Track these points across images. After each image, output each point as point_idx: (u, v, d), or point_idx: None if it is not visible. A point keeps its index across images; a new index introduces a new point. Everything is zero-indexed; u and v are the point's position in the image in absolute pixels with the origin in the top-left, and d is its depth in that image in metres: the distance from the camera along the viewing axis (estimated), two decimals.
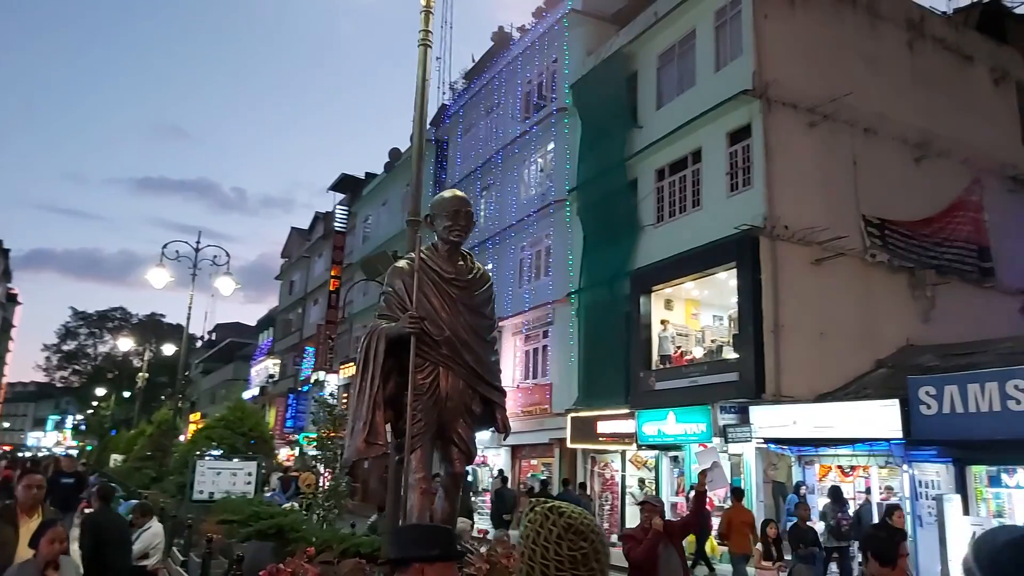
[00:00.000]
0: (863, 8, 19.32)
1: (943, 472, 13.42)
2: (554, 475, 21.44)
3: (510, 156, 25.44)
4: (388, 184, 36.59)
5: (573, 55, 23.29)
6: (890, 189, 18.25)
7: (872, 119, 18.28)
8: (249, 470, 12.27)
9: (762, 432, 14.76)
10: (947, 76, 20.42)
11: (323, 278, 43.34)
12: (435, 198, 5.60)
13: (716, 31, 18.36)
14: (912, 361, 16.57)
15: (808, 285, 16.45)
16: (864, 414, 13.03)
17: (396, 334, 5.16)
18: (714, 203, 17.61)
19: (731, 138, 17.57)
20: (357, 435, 5.17)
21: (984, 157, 20.24)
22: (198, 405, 63.32)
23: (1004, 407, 10.86)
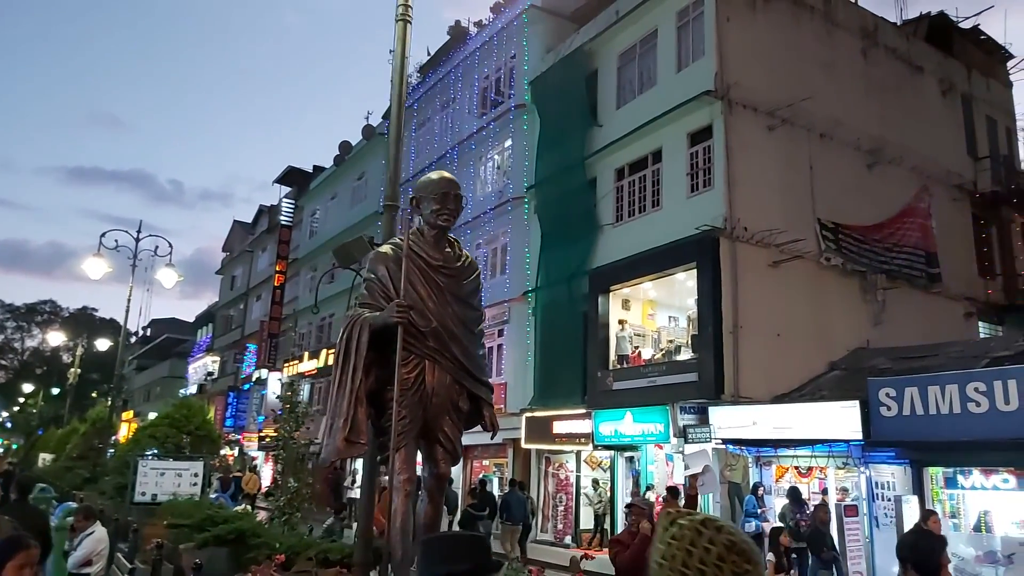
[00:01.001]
0: (820, 15, 19.58)
1: (899, 473, 13.60)
2: (507, 476, 21.13)
3: (466, 152, 25.07)
4: (338, 177, 35.79)
5: (532, 52, 23.05)
6: (844, 194, 18.52)
7: (828, 124, 18.53)
8: (195, 471, 11.64)
9: (721, 433, 14.73)
10: (898, 85, 20.88)
11: (267, 273, 42.20)
12: (421, 179, 5.21)
13: (678, 32, 18.34)
14: (864, 363, 16.81)
15: (765, 287, 16.54)
16: (824, 415, 13.10)
17: (381, 324, 4.77)
18: (674, 203, 17.57)
19: (692, 139, 17.56)
20: (337, 433, 4.77)
21: (932, 165, 20.76)
22: (131, 403, 60.99)
23: (964, 409, 11.00)
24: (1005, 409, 10.52)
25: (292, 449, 8.18)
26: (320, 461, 4.98)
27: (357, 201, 33.53)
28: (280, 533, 6.50)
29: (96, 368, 56.86)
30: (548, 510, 20.04)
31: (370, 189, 32.47)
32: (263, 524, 6.86)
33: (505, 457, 21.97)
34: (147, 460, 11.41)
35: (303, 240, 39.11)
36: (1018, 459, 11.03)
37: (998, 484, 11.71)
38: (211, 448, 12.85)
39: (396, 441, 4.80)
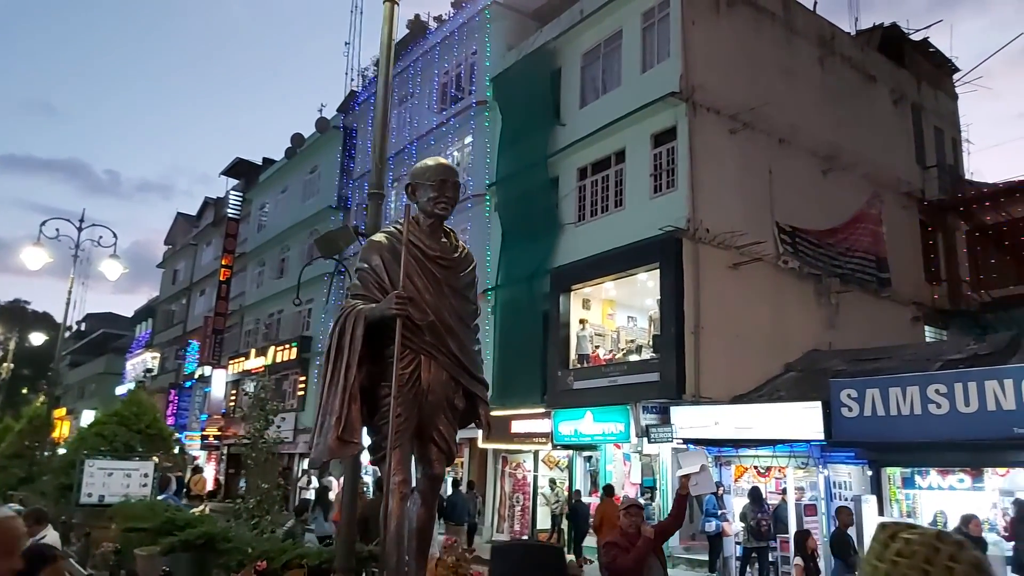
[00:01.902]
0: (780, 22, 19.87)
1: (855, 473, 13.85)
2: (463, 476, 20.91)
3: (425, 148, 24.70)
4: (289, 170, 34.97)
5: (494, 48, 22.85)
6: (801, 198, 18.81)
7: (786, 130, 18.81)
8: (145, 471, 11.09)
9: (683, 432, 14.78)
10: (853, 93, 21.33)
11: (212, 267, 41.03)
12: (417, 166, 4.94)
13: (643, 32, 18.37)
14: (820, 365, 17.09)
15: (726, 288, 16.68)
16: (787, 416, 13.23)
17: (378, 317, 4.49)
18: (637, 204, 17.59)
19: (655, 140, 17.61)
20: (328, 432, 4.48)
21: (883, 173, 21.28)
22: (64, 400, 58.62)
23: (925, 410, 11.22)
24: (965, 411, 10.76)
25: (262, 449, 7.81)
26: (310, 462, 4.68)
27: (310, 195, 32.82)
28: (251, 537, 6.15)
29: (28, 364, 54.47)
30: (505, 510, 19.87)
31: (323, 183, 31.84)
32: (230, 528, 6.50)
33: (460, 457, 21.71)
34: (94, 460, 10.82)
35: (251, 234, 38.12)
36: (975, 460, 11.30)
37: (954, 484, 11.99)
38: (163, 447, 12.30)
39: (391, 441, 4.55)
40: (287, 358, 30.78)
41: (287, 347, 31.02)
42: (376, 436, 4.66)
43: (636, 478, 17.75)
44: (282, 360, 30.92)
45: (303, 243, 32.66)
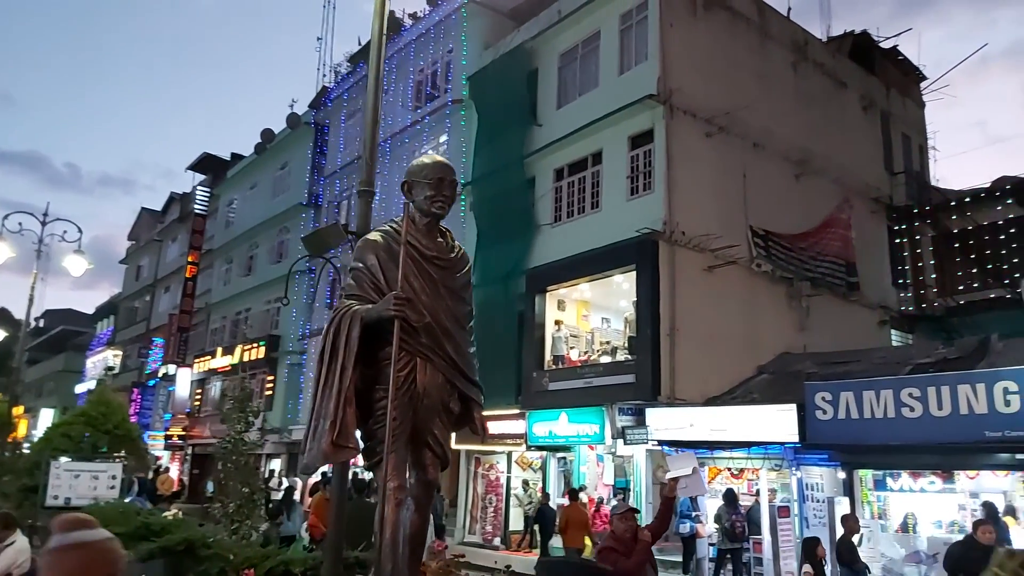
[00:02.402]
0: (755, 27, 20.06)
1: (826, 475, 14.02)
2: None
3: (399, 146, 24.52)
4: (258, 166, 34.46)
5: (471, 47, 22.74)
6: (774, 202, 19.01)
7: (760, 134, 18.99)
8: (113, 472, 10.81)
9: (658, 434, 14.83)
10: (824, 99, 21.62)
11: (177, 264, 40.29)
12: (414, 164, 4.83)
13: (621, 34, 18.41)
14: (791, 367, 17.27)
15: (700, 291, 16.78)
16: (761, 418, 13.34)
17: (375, 318, 4.38)
18: (614, 206, 17.61)
19: (632, 142, 17.64)
20: (323, 436, 4.36)
21: (853, 178, 21.61)
22: (22, 399, 57.08)
23: (898, 414, 11.38)
24: (937, 414, 10.94)
25: (242, 451, 7.62)
26: (302, 468, 4.55)
27: (280, 192, 32.36)
28: (232, 543, 5.98)
29: None
30: (477, 512, 19.77)
31: (294, 180, 31.43)
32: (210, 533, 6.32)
33: None
34: (60, 462, 10.51)
35: (218, 230, 37.50)
36: (946, 462, 11.49)
37: (925, 486, 12.19)
38: (131, 449, 11.98)
39: (387, 446, 4.45)
40: (255, 357, 30.31)
41: (255, 346, 30.55)
42: (371, 441, 4.54)
43: (609, 479, 17.78)
44: (250, 359, 30.43)
45: (272, 240, 32.21)
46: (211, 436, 32.70)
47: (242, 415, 7.79)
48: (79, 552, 1.94)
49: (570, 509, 13.69)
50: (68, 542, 1.95)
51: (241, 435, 7.67)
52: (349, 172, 27.09)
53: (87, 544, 1.97)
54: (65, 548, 1.94)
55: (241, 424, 7.70)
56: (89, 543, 1.97)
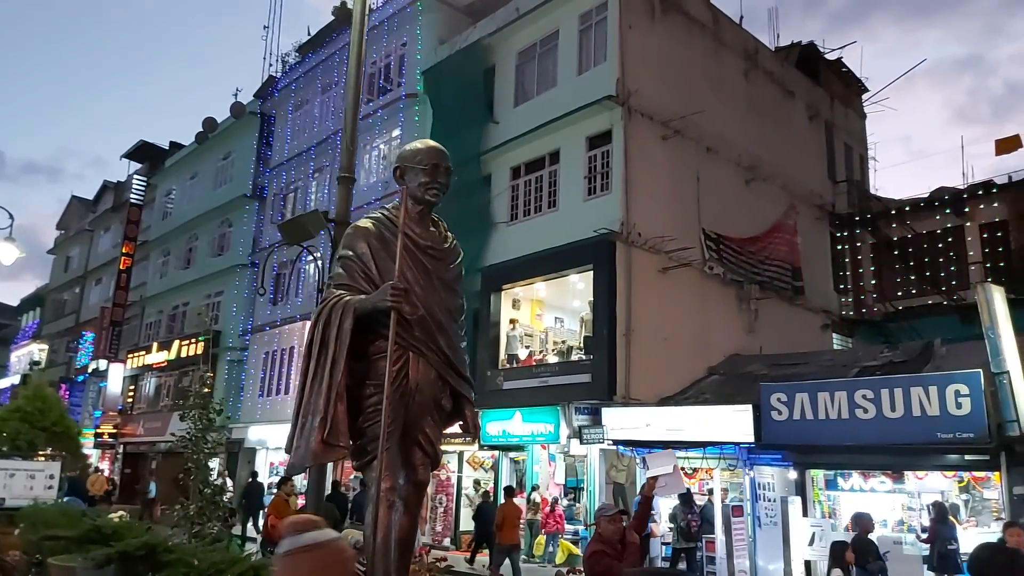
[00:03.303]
0: (710, 33, 20.32)
1: (777, 475, 14.26)
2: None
3: None
4: (199, 156, 33.34)
5: (425, 41, 22.45)
6: (725, 206, 19.29)
7: (714, 139, 19.24)
8: (51, 472, 10.20)
9: (613, 433, 14.86)
10: (773, 107, 22.06)
11: (110, 255, 38.75)
12: (407, 149, 4.62)
13: (580, 34, 18.40)
14: (741, 369, 17.55)
15: (655, 292, 16.89)
16: (717, 418, 13.47)
17: (370, 309, 4.16)
18: (571, 205, 17.59)
19: (590, 142, 17.65)
20: (311, 434, 4.12)
21: (799, 185, 22.12)
22: None
23: (852, 415, 11.62)
24: (891, 416, 11.20)
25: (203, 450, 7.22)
26: (289, 469, 4.30)
27: (222, 182, 31.39)
28: (196, 548, 5.64)
29: None
30: (427, 512, 19.47)
31: (237, 170, 30.54)
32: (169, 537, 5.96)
33: None
34: None
35: (155, 221, 36.18)
36: (897, 463, 11.79)
37: (875, 486, 12.49)
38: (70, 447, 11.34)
39: (378, 445, 4.24)
40: (193, 353, 29.31)
41: (193, 341, 29.53)
42: (361, 439, 4.31)
43: (560, 478, 17.77)
44: (188, 355, 29.43)
45: (214, 232, 31.23)
46: (145, 434, 31.53)
47: (203, 412, 7.40)
48: (315, 554, 1.89)
49: (505, 507, 13.94)
50: (302, 544, 1.89)
51: (202, 433, 7.27)
52: (297, 164, 26.46)
53: (322, 545, 1.91)
54: (301, 551, 1.89)
55: (204, 422, 7.31)
56: (323, 544, 1.91)
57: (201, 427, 7.32)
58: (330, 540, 1.94)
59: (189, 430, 7.34)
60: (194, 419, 7.38)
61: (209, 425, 7.42)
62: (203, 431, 7.32)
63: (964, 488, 12.52)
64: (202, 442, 7.30)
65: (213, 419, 7.52)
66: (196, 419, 7.37)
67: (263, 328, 26.25)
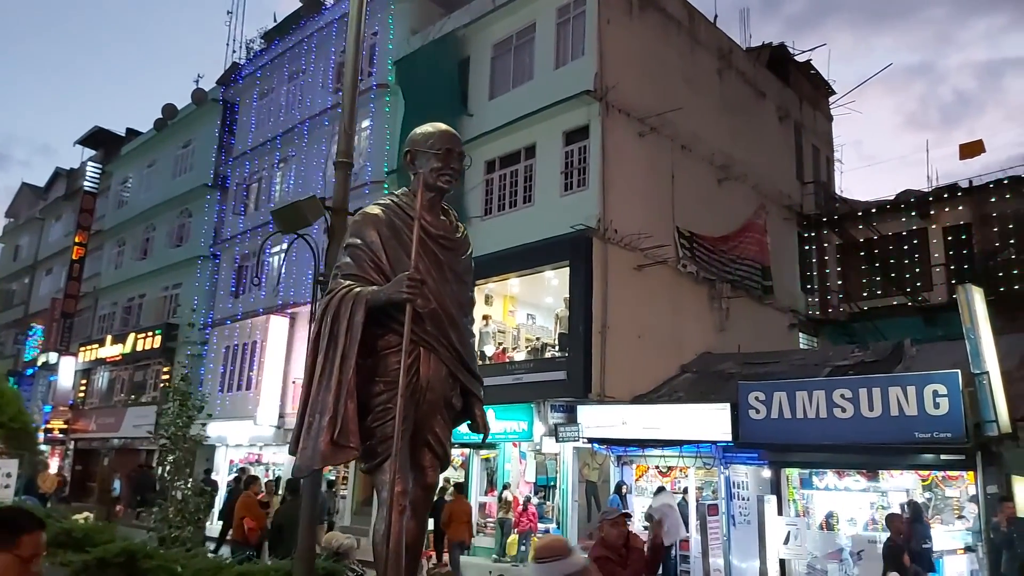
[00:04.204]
0: (685, 31, 20.31)
1: (751, 473, 14.27)
2: (350, 475, 20.04)
3: (318, 128, 23.50)
4: (158, 143, 32.35)
5: (397, 31, 22.04)
6: (698, 205, 19.30)
7: (688, 137, 19.24)
8: (8, 470, 9.65)
9: (589, 432, 14.71)
10: (745, 108, 22.16)
11: (62, 244, 37.44)
12: (418, 132, 4.34)
13: (558, 28, 18.21)
14: (713, 367, 17.57)
15: (630, 289, 16.81)
16: (695, 416, 13.41)
17: (383, 301, 3.89)
18: (547, 201, 17.40)
19: (567, 137, 17.48)
20: (319, 434, 3.84)
21: (769, 186, 22.28)
22: None
23: (830, 414, 11.64)
24: (869, 415, 11.24)
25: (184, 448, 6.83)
26: (295, 470, 4.00)
27: (181, 171, 30.50)
28: (179, 554, 5.30)
29: None
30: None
31: (198, 159, 29.70)
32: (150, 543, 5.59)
33: None
34: None
35: (110, 210, 35.03)
36: (874, 462, 11.85)
37: (850, 485, 12.55)
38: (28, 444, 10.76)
39: (389, 445, 3.98)
40: (149, 346, 28.44)
41: (149, 334, 28.66)
42: (370, 440, 4.02)
43: (531, 476, 17.58)
44: (143, 348, 28.54)
45: (172, 222, 30.34)
46: (97, 430, 30.53)
47: (185, 408, 7.00)
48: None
49: (454, 504, 13.94)
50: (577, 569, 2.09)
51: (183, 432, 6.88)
52: (262, 153, 25.80)
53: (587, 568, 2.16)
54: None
55: (183, 419, 6.91)
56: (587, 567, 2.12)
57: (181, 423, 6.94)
58: (586, 561, 2.13)
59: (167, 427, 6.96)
60: (174, 415, 7.00)
61: (190, 421, 7.03)
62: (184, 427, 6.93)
63: (927, 487, 12.68)
64: (181, 440, 6.92)
65: (194, 415, 7.14)
66: (176, 415, 6.99)
67: (224, 322, 25.56)
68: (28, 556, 2.02)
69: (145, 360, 28.98)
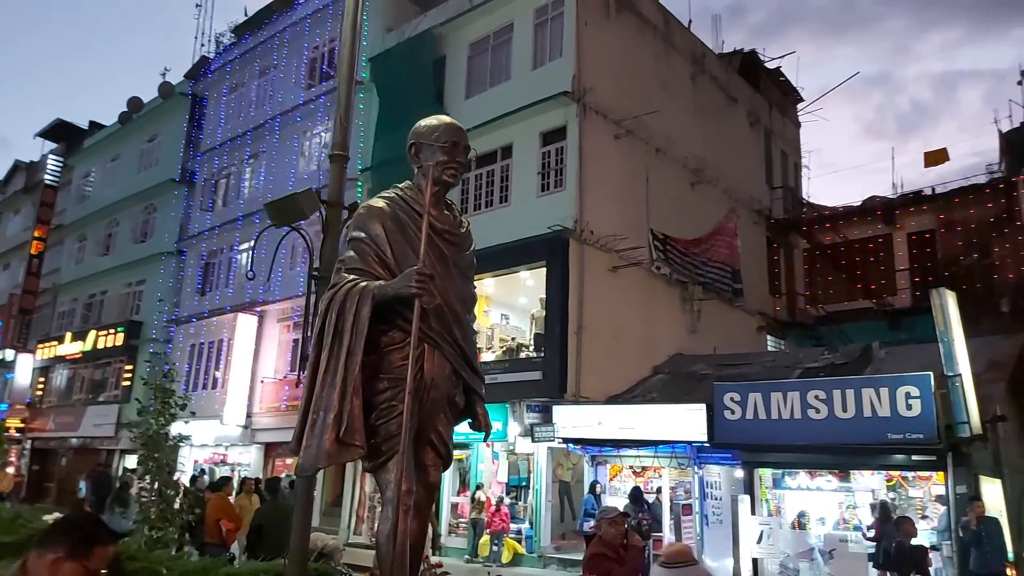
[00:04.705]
0: (661, 36, 20.48)
1: (724, 473, 14.44)
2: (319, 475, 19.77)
3: (290, 124, 23.21)
4: (122, 137, 31.65)
5: (372, 28, 21.83)
6: (671, 207, 19.46)
7: (663, 140, 19.39)
8: None
9: (565, 432, 14.73)
10: (717, 112, 22.42)
11: (20, 238, 36.46)
12: (423, 123, 4.26)
13: (535, 29, 18.23)
14: (685, 368, 17.71)
15: (605, 291, 16.89)
16: (670, 417, 13.51)
17: (391, 296, 3.82)
18: (523, 201, 17.39)
19: (544, 138, 17.50)
20: (323, 432, 3.75)
21: (739, 190, 22.55)
22: None
23: (804, 415, 11.81)
24: (843, 416, 11.43)
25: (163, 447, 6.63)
26: (298, 470, 3.91)
27: (147, 165, 29.88)
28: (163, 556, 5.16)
29: None
30: (364, 511, 18.98)
31: (164, 154, 29.13)
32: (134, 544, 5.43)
33: None
34: None
35: (71, 204, 34.20)
36: (847, 462, 12.05)
37: (822, 485, 12.75)
38: None
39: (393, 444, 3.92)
40: (111, 344, 27.81)
41: (111, 332, 28.02)
42: (374, 439, 3.95)
43: (503, 477, 17.55)
44: (105, 346, 27.90)
45: (136, 218, 29.72)
46: (56, 429, 29.78)
47: (166, 406, 6.82)
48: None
49: None
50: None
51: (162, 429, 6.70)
52: (231, 148, 25.40)
53: None
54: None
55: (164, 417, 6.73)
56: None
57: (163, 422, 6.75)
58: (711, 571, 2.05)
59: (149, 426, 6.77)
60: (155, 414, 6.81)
61: (172, 419, 6.85)
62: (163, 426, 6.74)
63: (892, 487, 12.94)
64: (164, 440, 6.74)
65: (175, 413, 6.96)
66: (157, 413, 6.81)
67: (190, 319, 25.11)
68: (95, 569, 1.98)
69: (106, 358, 28.34)
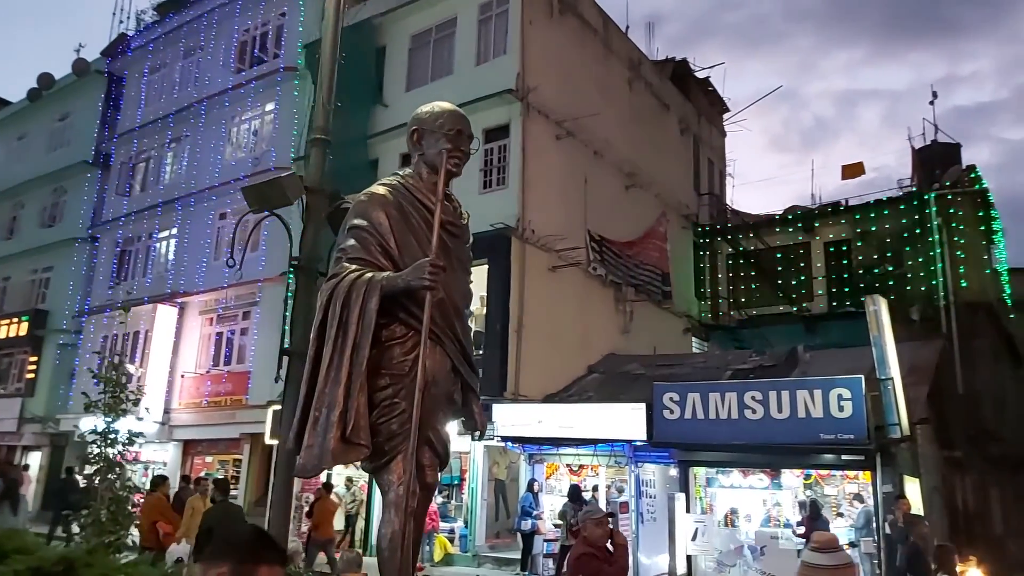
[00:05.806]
0: (600, 39, 20.72)
1: (658, 472, 14.73)
2: (243, 473, 19.16)
3: (217, 108, 22.34)
4: (31, 114, 29.73)
5: (308, 13, 21.26)
6: (607, 210, 19.73)
7: (601, 143, 19.64)
8: None
9: (503, 430, 14.71)
10: (651, 118, 22.86)
11: None
12: (425, 109, 4.11)
13: (479, 24, 18.14)
14: (619, 368, 18.00)
15: (545, 290, 16.97)
16: (610, 416, 13.66)
17: (402, 288, 3.67)
18: (465, 198, 16.73)
19: (487, 135, 17.39)
20: (327, 430, 3.59)
21: (669, 195, 23.07)
22: None
23: (741, 415, 12.15)
24: (778, 417, 11.81)
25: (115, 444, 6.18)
26: (299, 470, 3.71)
27: (57, 146, 28.20)
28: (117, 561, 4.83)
29: None
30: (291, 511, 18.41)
31: (77, 134, 27.56)
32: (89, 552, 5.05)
33: (239, 453, 19.87)
34: None
35: None
36: (780, 461, 12.47)
37: (754, 483, 13.15)
38: None
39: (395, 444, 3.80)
40: (14, 334, 26.12)
41: (14, 321, 26.33)
42: (376, 437, 3.78)
43: None
44: (8, 336, 26.19)
45: (44, 200, 28.03)
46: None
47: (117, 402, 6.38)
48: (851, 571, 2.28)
49: (320, 502, 13.92)
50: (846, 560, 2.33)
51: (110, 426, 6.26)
52: (152, 131, 24.23)
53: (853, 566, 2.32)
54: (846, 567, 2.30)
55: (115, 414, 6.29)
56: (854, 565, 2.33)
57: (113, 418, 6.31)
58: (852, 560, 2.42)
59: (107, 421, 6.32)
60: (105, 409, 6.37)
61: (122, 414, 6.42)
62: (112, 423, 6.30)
63: (808, 486, 13.50)
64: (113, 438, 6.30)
65: (126, 408, 6.52)
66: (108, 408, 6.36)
67: (103, 309, 23.83)
68: None
69: (8, 348, 26.59)
